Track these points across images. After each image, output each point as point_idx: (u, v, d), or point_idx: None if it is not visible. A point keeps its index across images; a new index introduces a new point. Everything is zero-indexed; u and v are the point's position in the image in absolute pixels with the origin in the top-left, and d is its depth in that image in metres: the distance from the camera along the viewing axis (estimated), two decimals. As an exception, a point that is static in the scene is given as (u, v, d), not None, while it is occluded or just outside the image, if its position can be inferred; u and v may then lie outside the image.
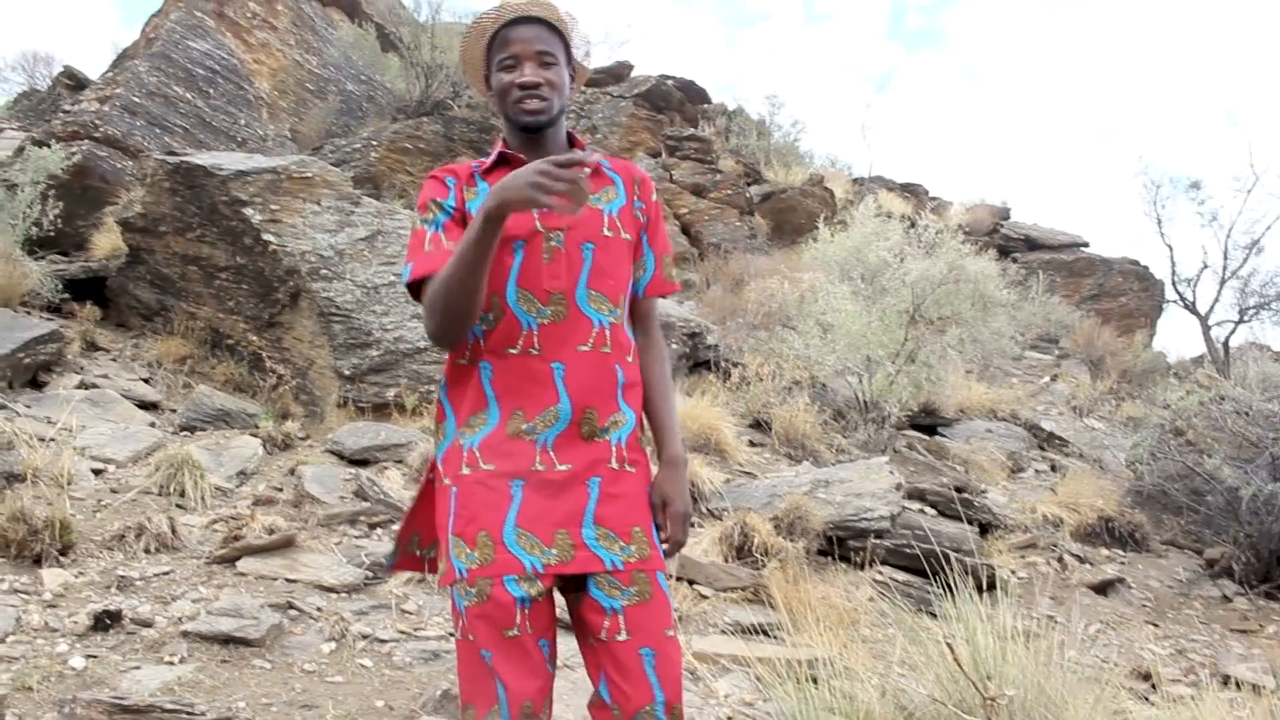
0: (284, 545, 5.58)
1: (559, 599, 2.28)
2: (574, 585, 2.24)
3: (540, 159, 2.00)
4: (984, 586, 5.63)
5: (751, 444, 9.03)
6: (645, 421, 2.44)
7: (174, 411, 7.94)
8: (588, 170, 2.10)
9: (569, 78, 2.37)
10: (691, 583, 5.97)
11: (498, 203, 1.99)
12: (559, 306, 2.23)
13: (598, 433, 2.25)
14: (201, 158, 8.84)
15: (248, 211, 8.37)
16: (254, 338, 8.81)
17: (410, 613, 5.24)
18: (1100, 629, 6.84)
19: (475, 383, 2.27)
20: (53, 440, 6.50)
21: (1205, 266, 16.97)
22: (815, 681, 4.07)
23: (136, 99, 12.07)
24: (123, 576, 5.10)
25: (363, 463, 7.26)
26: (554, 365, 2.23)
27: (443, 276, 2.12)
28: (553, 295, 2.23)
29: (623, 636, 2.15)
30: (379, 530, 6.16)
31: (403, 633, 4.98)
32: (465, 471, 2.22)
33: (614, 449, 2.26)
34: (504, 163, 2.32)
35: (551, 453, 2.20)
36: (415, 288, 2.24)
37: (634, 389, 2.35)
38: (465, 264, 2.06)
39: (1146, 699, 5.40)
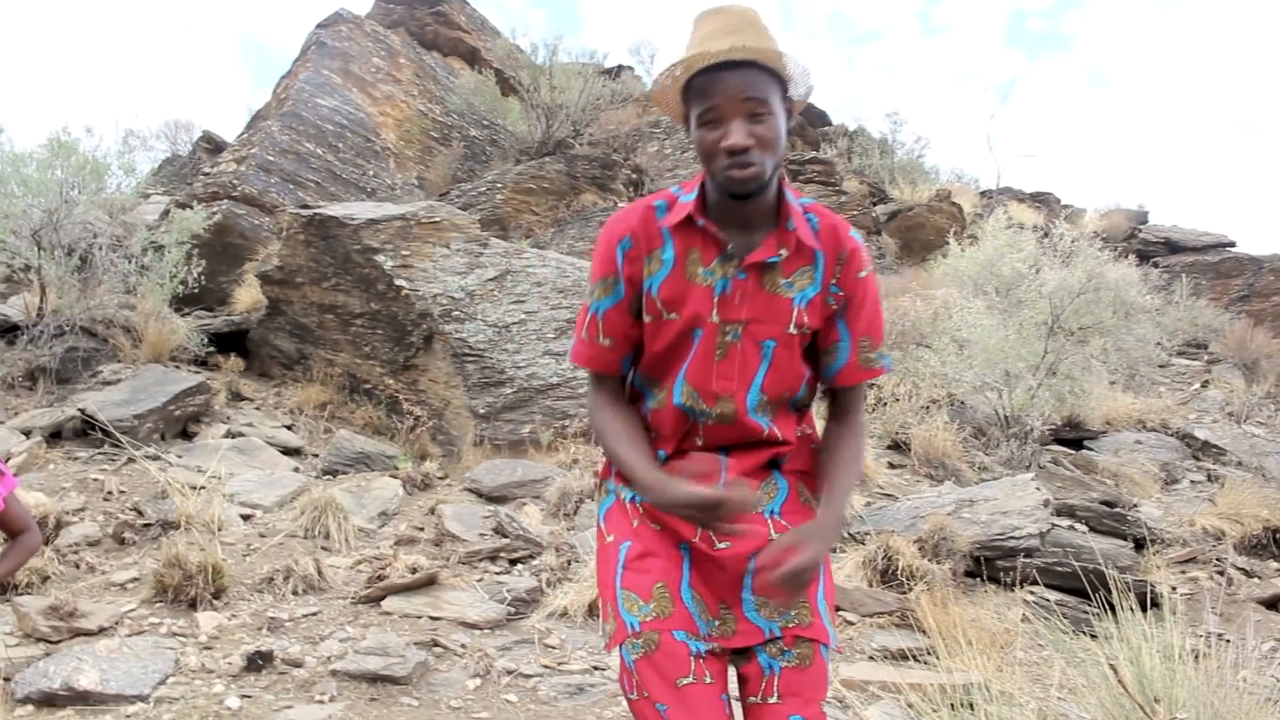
0: (427, 583, 5.64)
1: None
2: (742, 653, 2.08)
3: (701, 496, 1.86)
4: (1144, 604, 5.39)
5: (891, 465, 8.85)
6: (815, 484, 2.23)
7: (316, 456, 8.14)
8: (754, 502, 1.97)
9: (784, 123, 1.97)
10: (836, 609, 5.84)
11: (656, 503, 1.97)
12: (725, 410, 2.05)
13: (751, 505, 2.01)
14: (333, 209, 9.10)
15: (380, 258, 8.57)
16: (390, 381, 8.99)
17: (554, 647, 5.23)
18: (1275, 646, 6.47)
19: (649, 441, 2.15)
20: (203, 488, 6.71)
21: (1365, 259, 16.09)
22: (971, 707, 3.93)
23: (270, 157, 12.51)
24: (273, 618, 5.22)
25: (501, 499, 7.33)
26: (719, 451, 2.12)
27: (609, 452, 2.10)
28: (720, 399, 2.05)
29: (775, 700, 2.00)
30: (519, 565, 6.19)
31: (547, 667, 4.97)
32: (635, 524, 2.10)
33: (770, 522, 2.09)
34: (691, 227, 2.03)
35: (711, 533, 2.04)
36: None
37: (797, 454, 2.18)
38: (630, 473, 2.03)
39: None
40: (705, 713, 1.92)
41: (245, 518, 6.64)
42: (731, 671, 2.12)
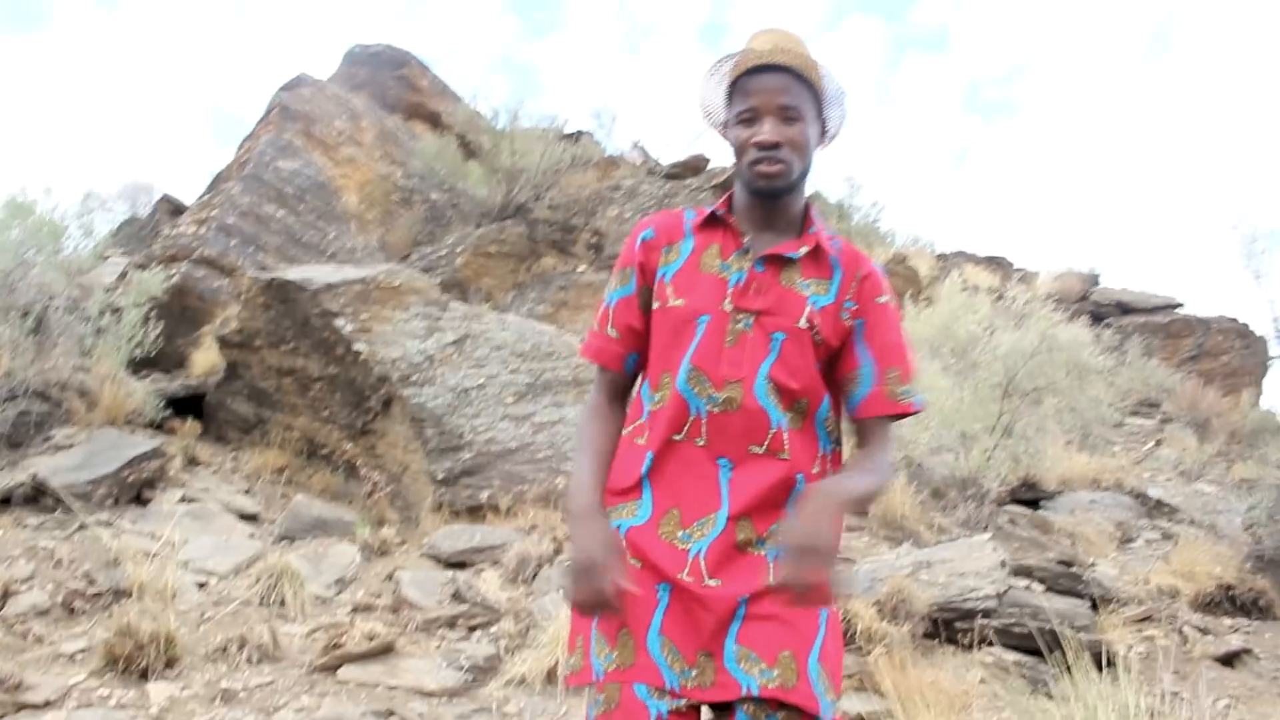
0: (383, 651, 5.60)
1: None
2: (726, 709, 1.94)
3: (595, 556, 1.89)
4: (1101, 664, 5.44)
5: (849, 528, 8.88)
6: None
7: (273, 522, 8.07)
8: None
9: (817, 135, 2.09)
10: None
11: (570, 545, 1.96)
12: (733, 394, 1.98)
13: (754, 544, 1.99)
14: (292, 273, 9.11)
15: (338, 322, 8.57)
16: (348, 445, 8.96)
17: (512, 715, 5.20)
18: (1230, 704, 6.53)
19: (635, 461, 2.07)
20: (156, 555, 6.63)
21: (1311, 320, 16.44)
22: (930, 771, 3.95)
23: (231, 220, 12.49)
24: (226, 689, 5.15)
25: (459, 565, 7.29)
26: (720, 462, 2.01)
27: (577, 446, 2.16)
28: (728, 383, 1.98)
29: None
30: (478, 632, 6.14)
31: (504, 736, 4.94)
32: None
33: (771, 566, 1.96)
34: (716, 223, 2.11)
35: (703, 564, 1.96)
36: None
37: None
38: (573, 471, 2.10)
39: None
40: None
41: (200, 585, 6.57)
42: None
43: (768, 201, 2.05)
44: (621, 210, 17.17)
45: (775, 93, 1.99)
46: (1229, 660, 7.33)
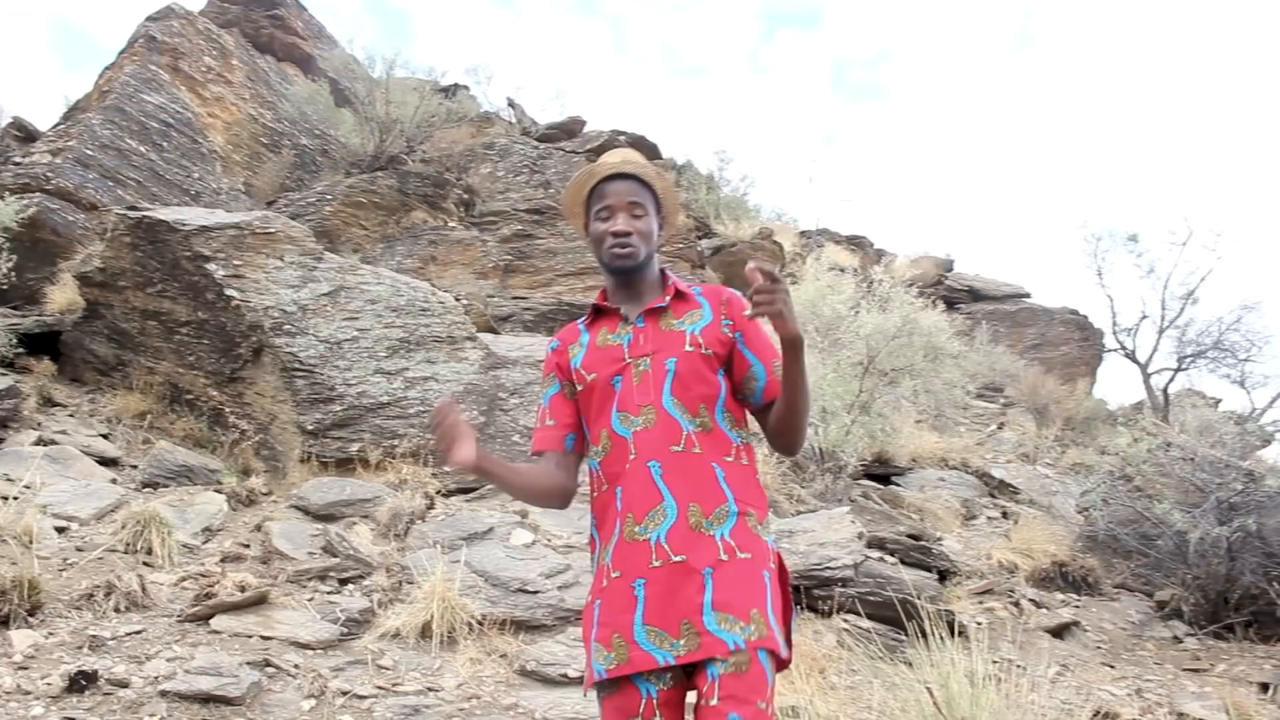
0: (257, 602, 5.57)
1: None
2: (696, 668, 2.34)
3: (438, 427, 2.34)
4: (948, 632, 5.76)
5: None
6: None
7: (135, 468, 7.88)
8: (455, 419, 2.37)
9: (658, 226, 2.63)
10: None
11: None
12: (649, 415, 2.45)
13: (704, 526, 2.37)
14: (164, 213, 8.84)
15: (210, 267, 8.38)
16: (215, 393, 8.78)
17: (387, 668, 5.25)
18: (1060, 671, 6.98)
19: (605, 497, 2.51)
20: (15, 498, 6.43)
21: (1144, 316, 17.39)
22: (795, 730, 4.15)
23: (90, 152, 12.01)
24: (94, 636, 5.06)
25: (329, 518, 7.26)
26: (650, 464, 2.43)
27: (509, 486, 2.56)
28: (643, 408, 2.46)
29: (715, 701, 2.23)
30: (350, 586, 6.15)
31: (381, 689, 4.99)
32: (604, 584, 2.44)
33: (720, 543, 2.37)
34: (599, 313, 2.63)
35: (665, 545, 2.36)
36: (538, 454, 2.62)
37: (743, 485, 2.47)
38: (510, 487, 2.55)
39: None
40: None
41: (60, 530, 6.40)
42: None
43: (629, 277, 2.58)
44: (495, 169, 17.08)
45: (624, 194, 2.54)
46: (1059, 631, 7.83)
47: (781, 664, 2.38)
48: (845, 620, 6.74)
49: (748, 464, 2.54)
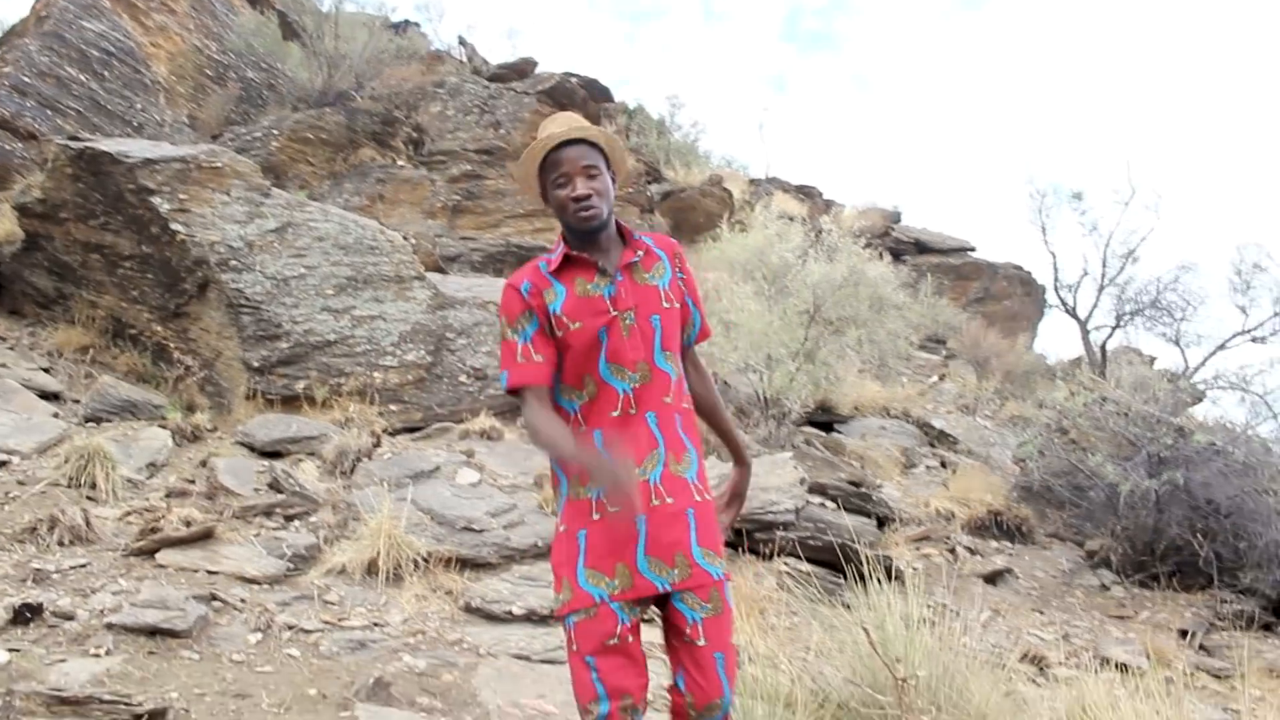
0: (203, 537, 5.58)
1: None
2: (661, 600, 2.68)
3: (621, 471, 2.40)
4: (888, 577, 5.90)
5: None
6: (713, 436, 2.99)
7: (77, 402, 7.80)
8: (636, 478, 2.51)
9: (612, 180, 2.75)
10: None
11: (585, 471, 2.52)
12: (644, 370, 2.67)
13: (678, 470, 2.68)
14: (107, 144, 8.68)
15: (155, 200, 8.25)
16: (159, 328, 8.69)
17: (333, 603, 5.30)
18: (991, 616, 7.19)
19: (585, 441, 2.64)
20: (-46, 430, 6.36)
21: (1085, 274, 17.63)
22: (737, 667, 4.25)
23: (27, 79, 11.71)
24: (38, 569, 5.05)
25: (275, 455, 7.26)
26: (647, 416, 2.69)
27: (544, 443, 2.61)
28: (638, 364, 2.66)
29: (702, 642, 2.61)
30: (296, 522, 6.17)
31: (327, 623, 5.04)
32: (596, 517, 2.64)
33: (692, 485, 2.69)
34: (570, 263, 2.71)
35: (661, 487, 2.64)
36: (513, 391, 2.70)
37: (692, 430, 2.77)
38: (558, 457, 2.63)
39: (1035, 681, 5.72)
40: (628, 666, 2.59)
41: (1, 464, 6.34)
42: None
43: (595, 235, 2.71)
44: (445, 108, 16.89)
45: (577, 159, 2.66)
46: (993, 578, 8.06)
47: None
48: (785, 563, 6.88)
49: (688, 407, 2.81)
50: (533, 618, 5.41)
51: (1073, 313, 17.80)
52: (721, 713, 2.65)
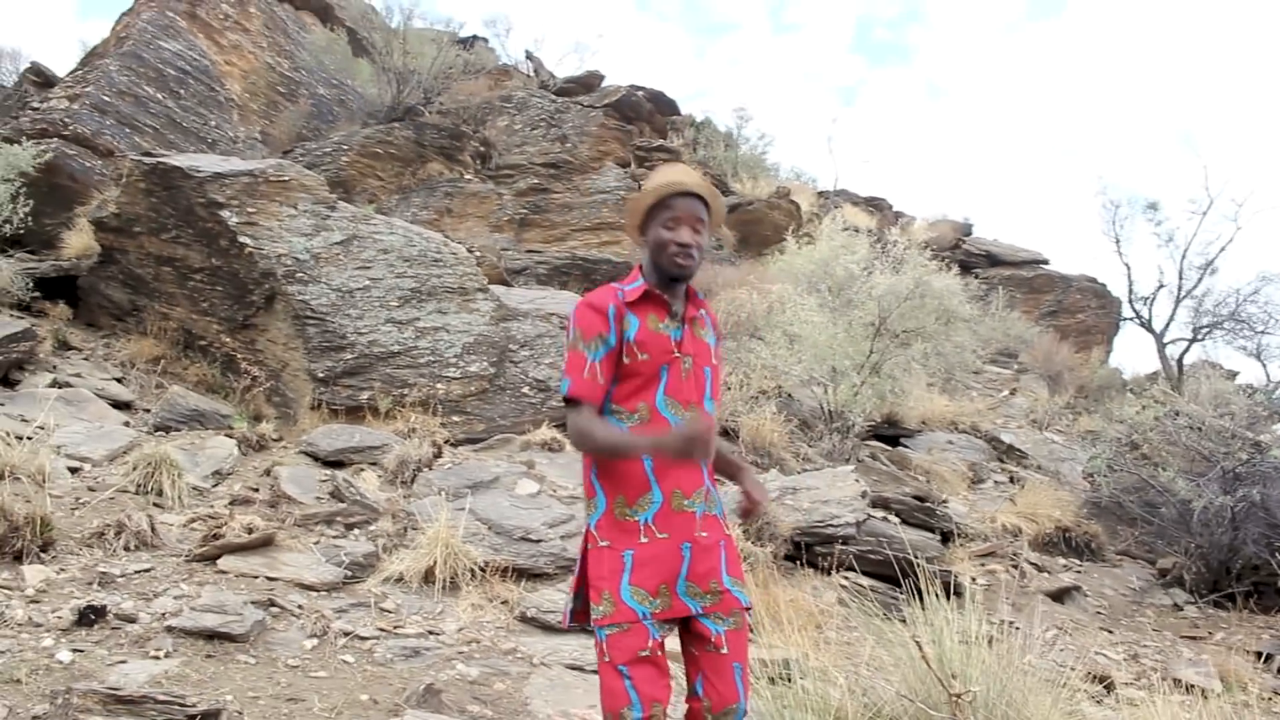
0: (263, 544, 5.65)
1: None
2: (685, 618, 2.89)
3: (691, 433, 2.62)
4: (948, 593, 5.80)
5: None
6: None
7: (148, 411, 7.97)
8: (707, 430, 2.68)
9: (706, 238, 2.98)
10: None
11: (658, 449, 2.71)
12: (695, 411, 2.86)
13: (710, 508, 2.92)
14: (178, 159, 8.88)
15: (224, 214, 8.42)
16: (227, 339, 8.85)
17: (389, 611, 5.33)
18: (1057, 634, 7.02)
19: (636, 469, 2.83)
20: (29, 438, 6.51)
21: (1161, 286, 17.31)
22: (788, 680, 4.20)
23: (107, 98, 12.04)
24: (104, 573, 5.15)
25: (338, 464, 7.33)
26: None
27: (602, 443, 2.79)
28: (691, 404, 2.87)
29: (724, 651, 2.82)
30: (356, 530, 6.23)
31: (383, 630, 5.07)
32: (644, 540, 2.82)
33: (721, 521, 2.95)
34: (646, 299, 2.90)
35: (700, 520, 2.86)
36: (569, 400, 2.85)
37: (713, 474, 3.00)
38: (620, 454, 2.79)
39: (1100, 701, 5.58)
40: (658, 677, 2.75)
41: (73, 471, 6.49)
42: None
43: (679, 281, 2.92)
44: (511, 121, 17.05)
45: (691, 210, 2.87)
46: (1060, 596, 7.87)
47: None
48: (845, 578, 6.80)
49: None
50: (587, 628, 5.39)
51: (1148, 326, 17.47)
52: (737, 718, 2.81)
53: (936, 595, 4.54)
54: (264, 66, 15.02)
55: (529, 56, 20.04)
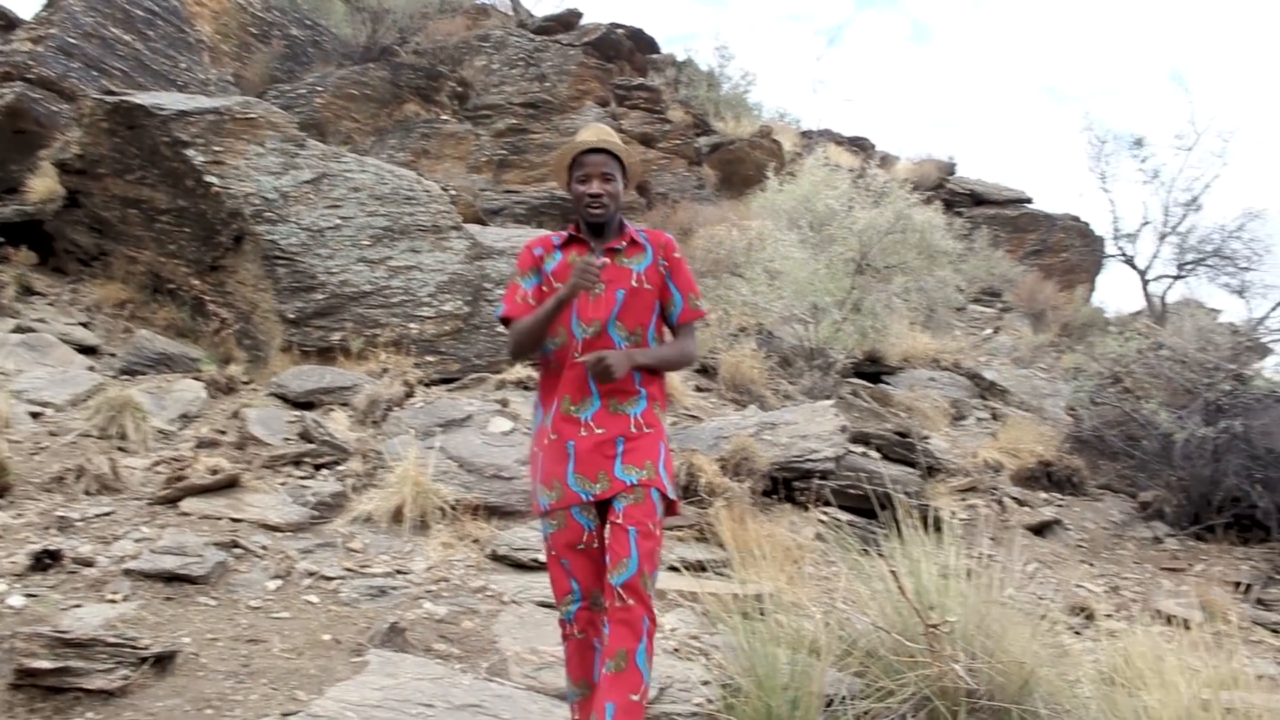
0: (228, 485, 5.55)
1: None
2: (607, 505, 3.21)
3: (581, 260, 3.17)
4: (926, 527, 5.73)
5: (698, 389, 9.07)
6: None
7: (114, 356, 7.83)
8: (602, 263, 3.21)
9: (622, 187, 3.38)
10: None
11: (568, 292, 3.13)
12: (596, 328, 3.24)
13: (620, 409, 3.24)
14: (142, 97, 8.67)
15: (190, 153, 8.22)
16: (196, 282, 8.69)
17: (357, 551, 5.24)
18: (1038, 568, 6.99)
19: (550, 384, 3.30)
20: (-12, 382, 6.39)
21: (1146, 223, 17.16)
22: (762, 614, 4.13)
23: (72, 40, 11.73)
24: (62, 517, 5.05)
25: (308, 406, 7.22)
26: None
27: (527, 326, 3.24)
28: (593, 321, 3.24)
29: (620, 520, 3.11)
30: (324, 471, 6.13)
31: (349, 570, 4.99)
32: (545, 442, 3.27)
33: (632, 420, 3.25)
34: (573, 241, 3.38)
35: (591, 422, 3.21)
36: (504, 320, 3.34)
37: (651, 382, 3.32)
38: (541, 322, 3.20)
39: (1080, 632, 5.54)
40: (591, 567, 3.16)
41: (35, 416, 6.37)
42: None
43: (598, 226, 3.35)
44: (489, 61, 16.74)
45: (599, 165, 3.29)
46: (1041, 530, 7.84)
47: (670, 507, 3.27)
48: (824, 513, 6.72)
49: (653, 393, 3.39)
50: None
51: (1132, 263, 17.36)
52: (629, 572, 3.04)
53: (915, 529, 4.47)
54: (235, 7, 14.71)
55: (507, -6, 19.68)
